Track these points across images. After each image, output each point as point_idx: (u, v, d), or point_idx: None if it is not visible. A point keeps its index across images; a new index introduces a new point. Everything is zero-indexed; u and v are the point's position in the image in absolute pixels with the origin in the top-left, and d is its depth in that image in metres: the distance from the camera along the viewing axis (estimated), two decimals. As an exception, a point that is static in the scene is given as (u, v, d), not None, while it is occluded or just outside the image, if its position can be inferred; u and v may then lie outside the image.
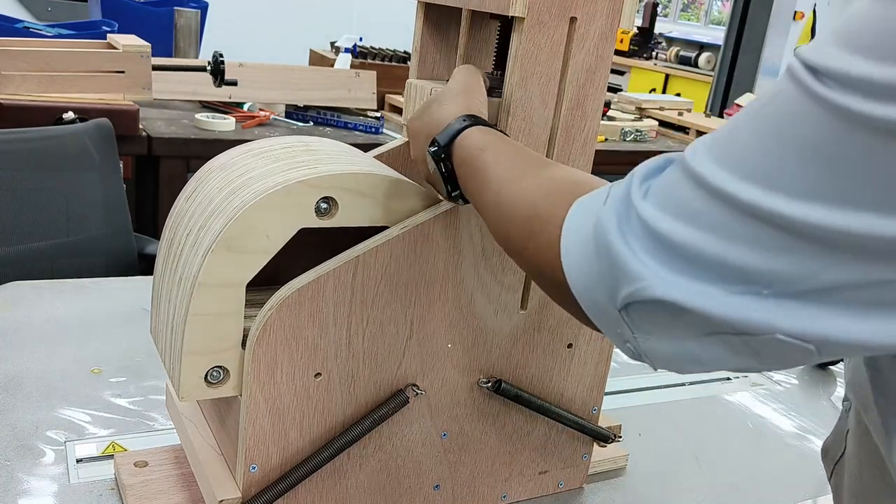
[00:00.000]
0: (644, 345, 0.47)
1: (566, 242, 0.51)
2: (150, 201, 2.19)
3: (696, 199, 0.43)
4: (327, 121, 2.51)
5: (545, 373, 0.85)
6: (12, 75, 2.02)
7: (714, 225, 0.42)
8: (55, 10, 4.39)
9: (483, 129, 0.67)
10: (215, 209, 0.68)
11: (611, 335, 0.50)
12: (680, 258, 0.43)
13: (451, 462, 0.83)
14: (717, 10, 7.39)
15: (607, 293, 0.47)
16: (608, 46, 0.76)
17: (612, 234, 0.46)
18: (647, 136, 2.95)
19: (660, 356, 0.47)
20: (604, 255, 0.47)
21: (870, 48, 0.37)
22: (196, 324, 0.66)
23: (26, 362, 1.05)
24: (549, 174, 0.59)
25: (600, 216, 0.48)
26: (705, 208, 0.42)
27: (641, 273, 0.44)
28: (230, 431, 0.75)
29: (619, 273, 0.45)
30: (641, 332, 0.47)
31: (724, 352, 0.44)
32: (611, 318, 0.48)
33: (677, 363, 0.47)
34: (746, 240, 0.41)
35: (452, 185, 0.68)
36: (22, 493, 0.81)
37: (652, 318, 0.45)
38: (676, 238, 0.43)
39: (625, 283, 0.45)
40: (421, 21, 0.84)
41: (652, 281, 0.44)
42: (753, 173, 0.40)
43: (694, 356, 0.45)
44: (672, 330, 0.45)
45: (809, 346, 0.40)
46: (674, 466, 1.02)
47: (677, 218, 0.43)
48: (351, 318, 0.71)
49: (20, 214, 1.59)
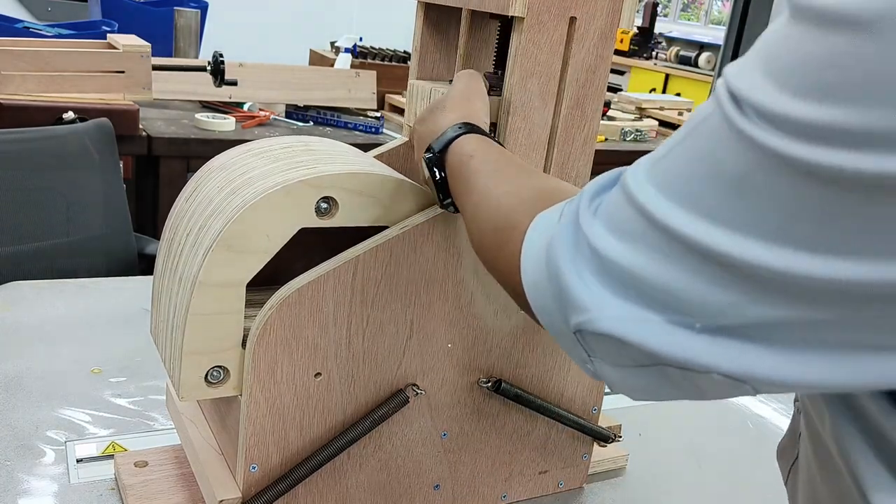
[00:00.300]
0: (599, 369, 0.47)
1: (525, 258, 0.50)
2: (150, 201, 2.19)
3: (633, 221, 0.42)
4: (327, 121, 2.51)
5: (545, 372, 0.85)
6: (12, 75, 2.02)
7: (649, 249, 0.41)
8: (55, 10, 4.39)
9: (476, 136, 0.66)
10: (215, 209, 0.68)
11: (570, 354, 0.49)
12: (622, 282, 0.42)
13: (451, 462, 0.83)
14: (718, 9, 7.40)
15: (561, 315, 0.47)
16: (608, 46, 0.76)
17: (562, 259, 0.46)
18: (647, 136, 2.95)
19: (612, 381, 0.47)
20: (554, 279, 0.46)
21: (791, 82, 0.35)
22: (196, 323, 0.66)
23: (26, 362, 1.05)
24: (529, 183, 0.59)
25: (553, 236, 0.47)
26: (641, 231, 0.42)
27: (588, 304, 0.44)
28: (230, 431, 0.75)
29: (568, 300, 0.45)
30: (596, 356, 0.46)
31: (667, 384, 0.44)
32: (568, 340, 0.48)
33: (627, 390, 0.47)
34: (678, 266, 0.40)
35: (444, 193, 0.67)
36: (22, 492, 0.81)
37: (601, 346, 0.45)
38: (619, 260, 0.42)
39: (574, 311, 0.45)
40: (421, 21, 0.84)
41: (597, 313, 0.43)
42: (684, 200, 0.40)
43: (640, 385, 0.45)
44: (620, 359, 0.45)
45: (745, 386, 0.40)
46: (674, 466, 1.02)
47: (622, 240, 0.43)
48: (351, 318, 0.71)
49: (20, 214, 1.59)
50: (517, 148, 0.74)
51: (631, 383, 0.46)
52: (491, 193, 0.59)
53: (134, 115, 2.05)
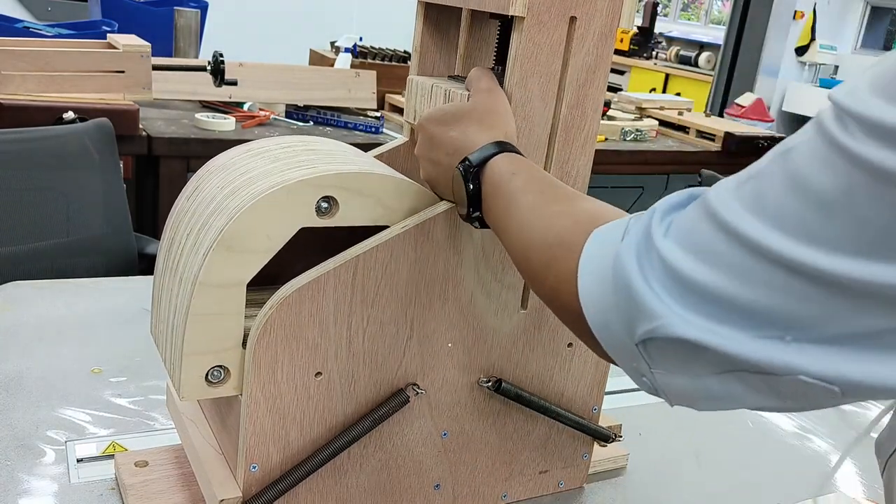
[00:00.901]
0: (661, 380, 0.47)
1: (583, 273, 0.51)
2: (150, 201, 2.19)
3: (718, 242, 0.42)
4: (327, 120, 2.51)
5: (545, 372, 0.85)
6: (12, 75, 2.02)
7: (736, 268, 0.41)
8: (55, 10, 4.39)
9: (517, 156, 0.67)
10: (216, 209, 0.68)
11: (626, 368, 0.49)
12: (700, 299, 0.42)
13: (451, 461, 0.83)
14: (718, 9, 7.39)
15: (624, 327, 0.47)
16: (608, 46, 0.76)
17: (632, 271, 0.46)
18: (647, 136, 2.95)
19: (677, 392, 0.47)
20: (622, 290, 0.46)
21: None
22: (196, 323, 0.66)
23: (26, 362, 1.05)
24: (580, 205, 0.59)
25: (619, 251, 0.47)
26: (728, 251, 0.42)
27: (660, 311, 0.44)
28: (231, 431, 0.75)
29: (637, 309, 0.45)
30: (659, 367, 0.46)
31: (744, 390, 0.43)
32: (627, 352, 0.48)
33: (694, 400, 0.47)
34: (769, 285, 0.40)
35: (475, 206, 0.67)
36: (22, 492, 0.81)
37: (670, 354, 0.45)
38: (697, 279, 0.43)
39: (643, 319, 0.45)
40: (421, 21, 0.84)
41: (671, 319, 0.43)
42: (777, 220, 0.40)
43: (712, 393, 0.45)
44: (690, 367, 0.44)
45: (834, 388, 0.40)
46: (674, 466, 1.02)
47: (699, 258, 0.43)
48: (351, 318, 0.71)
49: (20, 214, 1.59)
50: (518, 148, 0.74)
51: (700, 392, 0.45)
52: (541, 212, 0.59)
53: (134, 115, 2.05)
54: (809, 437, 1.13)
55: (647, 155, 2.84)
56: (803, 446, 1.11)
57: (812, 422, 1.18)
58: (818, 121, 0.40)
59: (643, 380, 0.49)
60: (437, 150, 0.71)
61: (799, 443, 1.12)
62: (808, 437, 1.13)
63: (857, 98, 0.38)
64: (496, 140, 0.67)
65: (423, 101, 0.81)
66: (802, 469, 1.05)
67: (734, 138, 2.97)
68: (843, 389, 0.40)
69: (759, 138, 3.04)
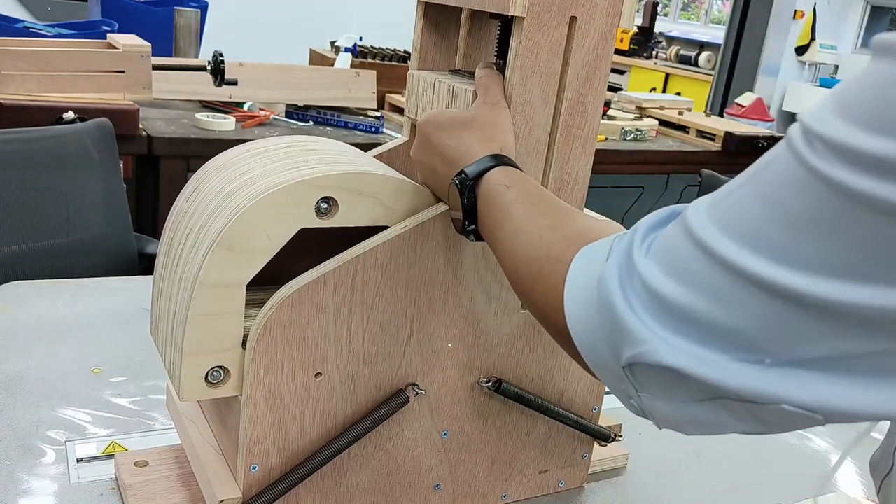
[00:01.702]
0: (648, 404, 0.47)
1: (569, 292, 0.50)
2: (150, 201, 2.19)
3: (695, 261, 0.42)
4: (327, 120, 2.51)
5: (545, 372, 0.85)
6: (12, 75, 2.02)
7: (714, 289, 0.41)
8: (55, 10, 4.39)
9: (513, 169, 0.66)
10: (215, 209, 0.68)
11: (614, 390, 0.49)
12: (682, 321, 0.42)
13: (451, 461, 0.83)
14: (718, 9, 7.39)
15: (610, 349, 0.46)
16: (608, 46, 0.75)
17: (615, 294, 0.45)
18: (647, 136, 2.95)
19: (664, 417, 0.47)
20: (606, 313, 0.46)
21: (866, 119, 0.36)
22: (196, 324, 0.66)
23: (26, 362, 1.05)
24: (571, 219, 0.59)
25: (603, 273, 0.47)
26: (704, 271, 0.41)
27: (644, 337, 0.43)
28: (231, 431, 0.75)
29: (621, 334, 0.45)
30: (646, 391, 0.46)
31: (728, 417, 0.43)
32: (614, 374, 0.47)
33: (681, 425, 0.46)
34: (745, 306, 0.40)
35: (470, 219, 0.66)
36: (22, 492, 0.81)
37: (655, 380, 0.44)
38: (678, 301, 0.42)
39: (628, 344, 0.44)
40: (421, 20, 0.84)
41: (655, 346, 0.43)
42: (751, 240, 0.40)
43: (697, 420, 0.45)
44: (675, 393, 0.44)
45: (817, 416, 0.39)
46: (674, 466, 1.02)
47: (678, 279, 0.43)
48: (351, 318, 0.71)
49: (20, 214, 1.59)
50: (517, 148, 0.74)
51: (686, 418, 0.45)
52: (530, 225, 0.59)
53: (134, 115, 2.05)
54: (809, 437, 1.13)
55: (647, 155, 2.84)
56: (803, 446, 1.11)
57: (812, 421, 1.18)
58: (788, 140, 0.40)
59: (630, 402, 0.48)
60: (433, 157, 0.71)
61: (799, 443, 1.12)
62: (808, 437, 1.13)
63: (821, 119, 0.38)
64: (493, 153, 0.67)
65: (425, 95, 0.81)
66: (802, 469, 1.05)
67: (734, 138, 2.97)
68: (826, 416, 0.39)
69: (760, 138, 3.04)
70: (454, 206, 0.68)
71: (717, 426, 0.44)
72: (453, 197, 0.68)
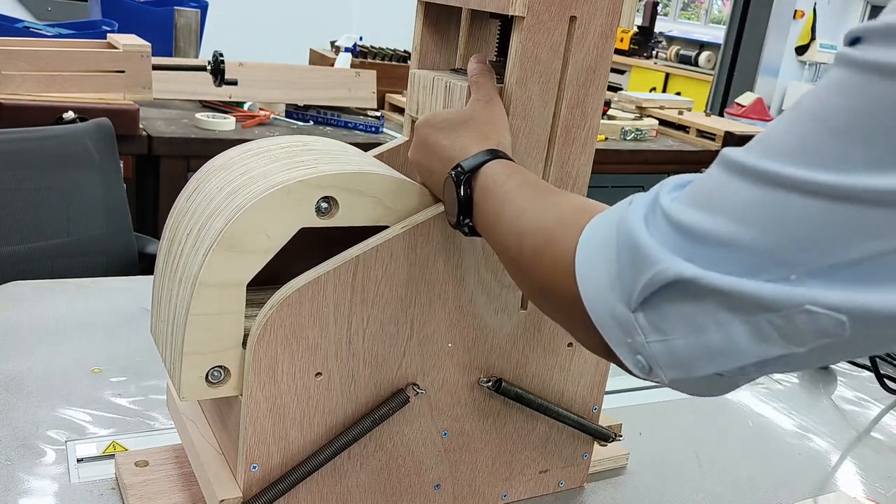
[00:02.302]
0: (657, 350, 0.46)
1: (581, 251, 0.51)
2: (150, 201, 2.19)
3: (727, 184, 0.43)
4: (327, 120, 2.51)
5: (545, 372, 0.85)
6: (12, 75, 2.02)
7: (743, 210, 0.42)
8: (55, 10, 4.39)
9: (510, 162, 0.67)
10: (215, 209, 0.68)
11: (620, 348, 0.49)
12: (703, 246, 0.43)
13: (451, 461, 0.83)
14: (718, 8, 7.39)
15: (623, 295, 0.47)
16: (608, 45, 0.75)
17: (636, 225, 0.46)
18: (647, 135, 2.95)
19: (674, 360, 0.46)
20: (623, 248, 0.47)
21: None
22: (196, 324, 0.66)
23: (27, 362, 1.05)
24: (574, 201, 0.60)
25: (623, 216, 0.48)
26: (737, 193, 0.42)
27: (662, 255, 0.44)
28: (231, 431, 0.75)
29: (639, 262, 0.45)
30: (657, 332, 0.46)
31: (748, 337, 0.42)
32: (622, 326, 0.47)
33: (692, 365, 0.46)
34: (777, 218, 0.40)
35: (465, 213, 0.67)
36: (22, 492, 0.81)
37: (671, 307, 0.44)
38: (700, 226, 0.43)
39: (645, 269, 0.45)
40: (421, 20, 0.84)
41: (673, 262, 0.43)
42: (793, 152, 0.41)
43: (712, 349, 0.44)
44: (691, 319, 0.44)
45: (842, 318, 0.39)
46: (674, 465, 1.02)
47: (705, 209, 0.43)
48: (351, 318, 0.71)
49: (20, 214, 1.59)
50: (517, 148, 0.74)
51: (700, 352, 0.44)
52: (537, 203, 0.60)
53: (134, 115, 2.06)
54: (809, 437, 1.13)
55: (647, 154, 2.84)
56: (803, 446, 1.11)
57: (812, 421, 1.18)
58: (836, 59, 0.41)
59: (637, 358, 0.48)
60: (431, 157, 0.72)
61: (799, 442, 1.12)
62: (808, 437, 1.13)
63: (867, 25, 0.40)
64: (487, 148, 0.68)
65: (424, 93, 0.81)
66: (802, 469, 1.05)
67: (734, 137, 2.97)
68: (851, 318, 0.39)
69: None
70: (449, 200, 0.68)
71: (735, 353, 0.43)
72: (449, 191, 0.68)
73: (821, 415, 1.20)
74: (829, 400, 1.27)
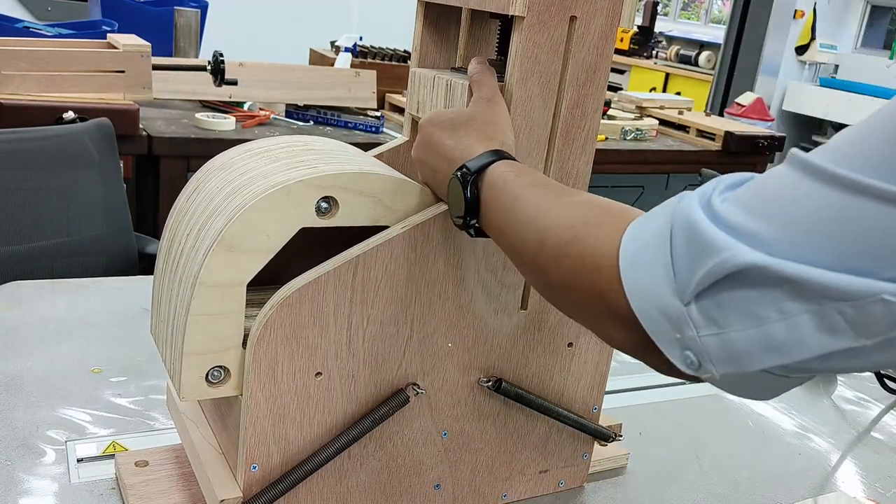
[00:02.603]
0: (711, 344, 0.44)
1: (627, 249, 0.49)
2: (150, 201, 2.19)
3: (800, 186, 0.41)
4: (327, 120, 2.51)
5: (545, 372, 0.85)
6: (12, 75, 2.02)
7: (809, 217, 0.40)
8: (55, 10, 4.39)
9: (516, 163, 0.67)
10: (215, 209, 0.68)
11: (667, 345, 0.47)
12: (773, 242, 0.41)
13: (451, 461, 0.83)
14: (718, 8, 7.39)
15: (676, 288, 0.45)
16: (608, 45, 0.75)
17: (695, 213, 0.45)
18: (647, 135, 2.95)
19: (728, 355, 0.44)
20: (681, 238, 0.45)
21: None
22: (196, 324, 0.66)
23: (27, 362, 1.05)
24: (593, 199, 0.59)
25: (679, 206, 0.47)
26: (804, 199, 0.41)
27: (728, 242, 0.42)
28: (231, 431, 0.75)
29: (699, 249, 0.43)
30: (712, 324, 0.44)
31: (814, 328, 0.41)
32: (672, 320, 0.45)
33: (748, 360, 0.43)
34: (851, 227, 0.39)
35: (472, 213, 0.66)
36: (22, 492, 0.81)
37: (730, 297, 0.43)
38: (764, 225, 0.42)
39: (707, 257, 0.43)
40: (421, 20, 0.84)
41: (740, 249, 0.42)
42: (870, 160, 0.39)
43: (774, 342, 0.42)
44: (752, 309, 0.42)
45: None
46: (674, 465, 1.02)
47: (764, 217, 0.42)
48: (351, 318, 0.71)
49: (20, 214, 1.59)
50: (517, 148, 0.74)
51: (760, 345, 0.42)
52: (555, 201, 0.59)
53: (134, 115, 2.05)
54: (809, 437, 1.13)
55: (647, 154, 2.84)
56: (804, 445, 1.11)
57: (812, 421, 1.18)
58: None
59: (686, 354, 0.45)
60: (434, 156, 0.72)
61: (799, 442, 1.12)
62: (808, 437, 1.13)
63: None
64: (491, 148, 0.67)
65: (425, 92, 0.82)
66: (803, 468, 1.05)
67: (734, 137, 2.97)
68: None
69: (760, 137, 3.04)
70: (454, 200, 0.68)
71: (798, 346, 0.41)
72: (454, 192, 0.68)
73: (821, 414, 1.20)
74: (829, 400, 1.27)
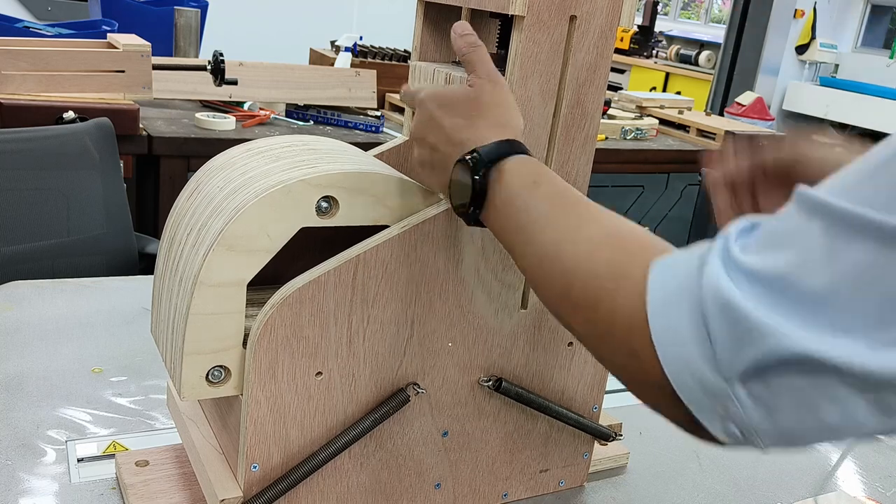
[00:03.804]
0: (760, 424, 0.42)
1: (654, 310, 0.46)
2: (150, 201, 2.19)
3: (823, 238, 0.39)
4: (327, 120, 2.51)
5: (546, 371, 0.85)
6: (12, 75, 2.02)
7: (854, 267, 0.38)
8: (55, 9, 4.40)
9: (534, 161, 0.63)
10: (216, 208, 0.68)
11: (706, 415, 0.44)
12: (813, 311, 0.39)
13: (451, 461, 0.83)
14: (718, 8, 7.39)
15: (718, 364, 0.42)
16: (608, 45, 0.75)
17: (724, 283, 0.41)
18: (647, 135, 2.95)
19: (781, 435, 0.42)
20: (717, 313, 0.42)
21: None
22: (197, 323, 0.66)
23: (27, 362, 1.05)
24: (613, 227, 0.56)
25: (708, 276, 0.43)
26: (844, 248, 0.38)
27: (775, 328, 0.39)
28: (231, 431, 0.75)
29: (744, 332, 0.40)
30: (761, 407, 0.41)
31: (870, 412, 0.39)
32: (713, 394, 0.43)
33: (800, 438, 0.42)
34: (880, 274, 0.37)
35: (477, 205, 0.63)
36: (23, 492, 0.81)
37: (779, 383, 0.40)
38: (807, 287, 0.39)
39: (752, 342, 0.40)
40: (421, 20, 0.84)
41: (791, 336, 0.39)
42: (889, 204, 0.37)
43: (829, 425, 0.40)
44: (803, 395, 0.40)
45: None
46: (675, 465, 1.02)
47: (803, 267, 0.39)
48: (351, 318, 0.71)
49: (20, 214, 1.59)
50: (517, 147, 0.74)
51: (813, 427, 0.40)
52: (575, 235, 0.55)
53: (134, 115, 2.05)
54: (810, 436, 1.13)
55: (647, 154, 2.84)
56: (804, 445, 1.11)
57: (812, 421, 1.18)
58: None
59: (729, 427, 0.43)
60: (436, 133, 0.68)
61: (799, 442, 1.12)
62: (809, 436, 1.13)
63: None
64: (507, 138, 0.64)
65: (425, 84, 0.81)
66: (803, 468, 1.05)
67: (735, 137, 2.96)
68: None
69: (760, 137, 3.04)
70: (459, 187, 0.64)
71: (853, 428, 0.40)
72: (460, 175, 0.64)
73: (821, 414, 1.20)
74: (829, 399, 1.27)
